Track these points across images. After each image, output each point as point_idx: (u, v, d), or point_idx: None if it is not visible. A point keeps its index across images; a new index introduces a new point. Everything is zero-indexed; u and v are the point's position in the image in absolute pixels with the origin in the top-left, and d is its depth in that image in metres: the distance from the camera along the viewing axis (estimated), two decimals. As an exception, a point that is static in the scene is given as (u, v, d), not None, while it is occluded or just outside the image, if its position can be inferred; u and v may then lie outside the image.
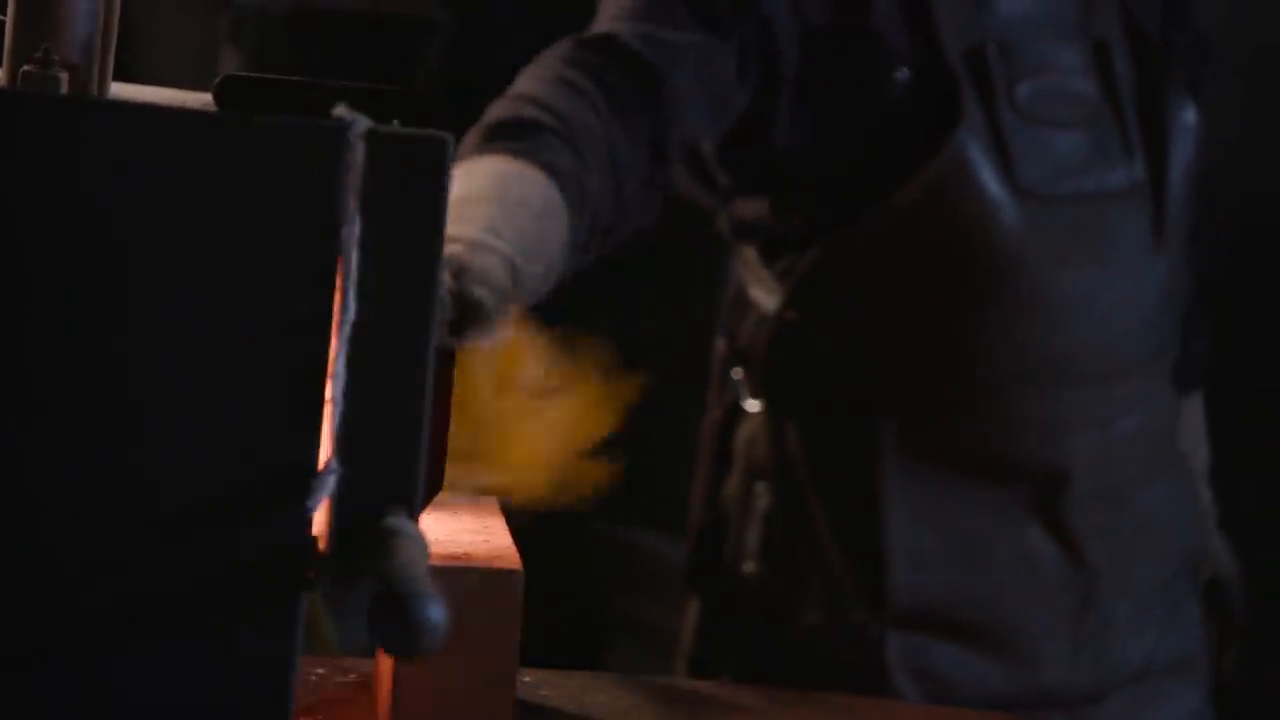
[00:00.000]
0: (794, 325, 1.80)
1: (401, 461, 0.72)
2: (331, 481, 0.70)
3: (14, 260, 0.69)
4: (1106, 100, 1.76)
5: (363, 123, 0.70)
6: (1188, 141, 1.81)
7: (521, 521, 1.11)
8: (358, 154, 0.69)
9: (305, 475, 0.68)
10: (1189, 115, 1.81)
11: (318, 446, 0.68)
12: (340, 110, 0.72)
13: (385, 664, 1.02)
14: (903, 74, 1.73)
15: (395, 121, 0.73)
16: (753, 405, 1.84)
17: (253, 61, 3.76)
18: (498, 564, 0.98)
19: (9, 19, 0.81)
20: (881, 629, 1.73)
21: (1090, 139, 1.76)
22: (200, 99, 0.88)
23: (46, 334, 0.70)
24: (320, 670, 1.04)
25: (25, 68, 0.76)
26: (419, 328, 0.73)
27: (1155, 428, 1.84)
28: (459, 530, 1.03)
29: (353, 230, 0.69)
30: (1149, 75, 1.80)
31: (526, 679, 1.02)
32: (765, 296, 1.82)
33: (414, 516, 0.74)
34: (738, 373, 1.88)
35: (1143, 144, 1.77)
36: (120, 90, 0.86)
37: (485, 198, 1.26)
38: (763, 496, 1.82)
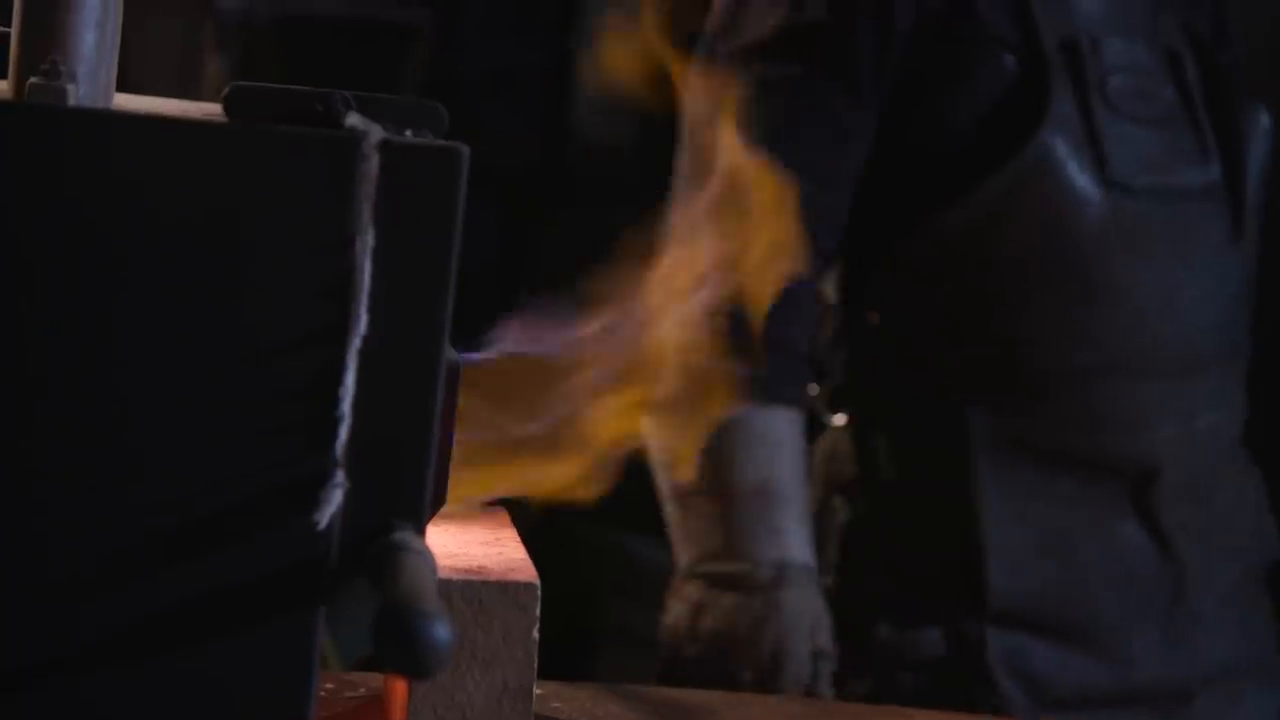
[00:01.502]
0: (878, 327, 1.82)
1: (409, 476, 0.73)
2: (339, 495, 0.70)
3: (22, 273, 0.68)
4: (1181, 103, 1.79)
5: (377, 133, 0.70)
6: (1263, 144, 1.84)
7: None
8: (372, 164, 0.70)
9: (316, 489, 0.68)
10: (1264, 119, 1.86)
11: (329, 460, 0.68)
12: (353, 120, 0.72)
13: (398, 680, 1.01)
14: (1009, 62, 1.73)
15: (408, 131, 0.73)
16: (838, 419, 1.85)
17: (237, 69, 3.76)
18: (513, 576, 0.98)
19: (14, 29, 0.80)
20: (981, 628, 1.72)
21: (1167, 139, 1.79)
22: (204, 109, 0.87)
23: (52, 348, 0.69)
24: (329, 685, 1.03)
25: (32, 79, 0.75)
26: (430, 341, 0.73)
27: (1231, 427, 1.86)
28: (471, 542, 1.03)
29: (366, 242, 0.70)
30: (1218, 83, 1.83)
31: (537, 691, 1.01)
32: (844, 299, 1.84)
33: (420, 531, 0.74)
34: (813, 388, 1.88)
35: (1217, 147, 1.80)
36: (121, 100, 0.85)
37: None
38: (841, 510, 1.83)
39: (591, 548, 3.86)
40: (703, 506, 1.73)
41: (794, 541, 1.68)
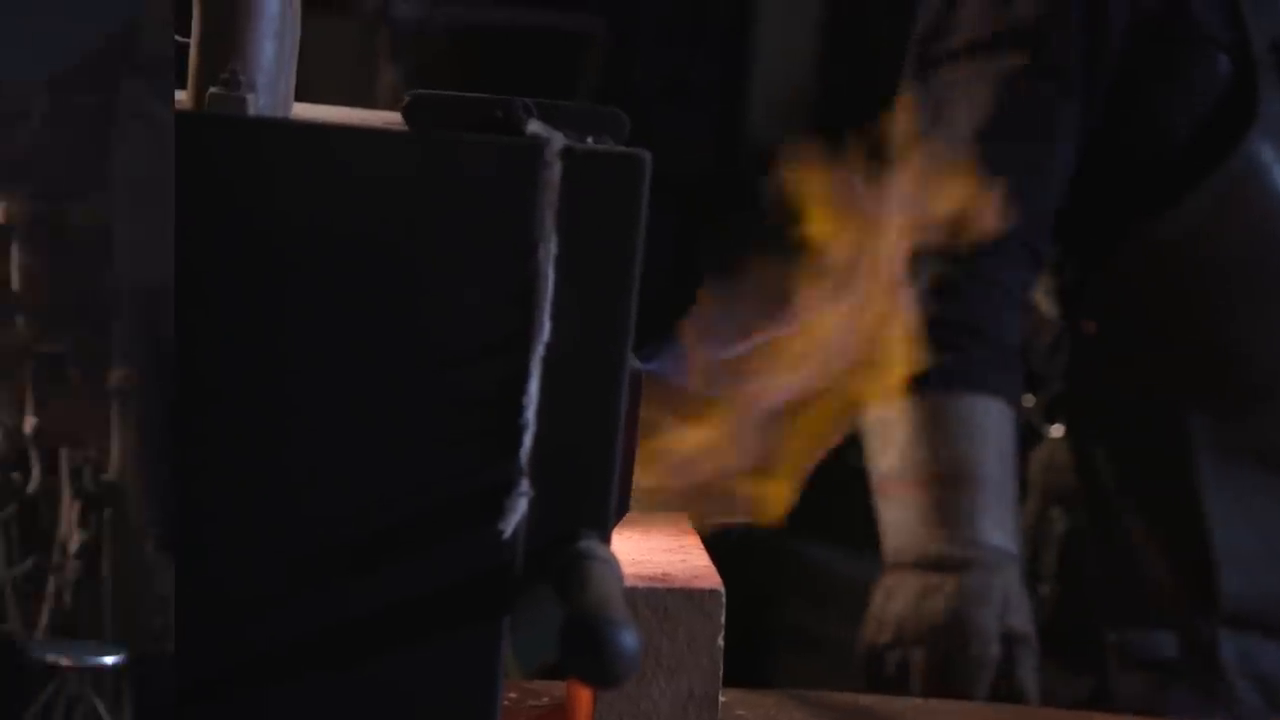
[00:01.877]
0: (1095, 336, 1.83)
1: (594, 484, 0.72)
2: (524, 504, 0.70)
3: (200, 282, 0.71)
4: None
5: (559, 140, 0.69)
6: None
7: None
8: (554, 171, 0.69)
9: (501, 497, 0.68)
10: None
11: (514, 468, 0.68)
12: (535, 127, 0.71)
13: (582, 688, 1.02)
14: (1223, 63, 1.71)
15: (588, 138, 0.72)
16: (1055, 430, 1.87)
17: (412, 78, 3.92)
18: (697, 583, 0.98)
19: (193, 39, 0.84)
20: (1213, 630, 1.74)
21: None
22: (382, 117, 0.89)
23: (233, 357, 0.72)
24: (512, 694, 1.06)
25: (212, 89, 0.78)
26: (613, 348, 0.72)
27: None
28: (655, 549, 1.03)
29: (549, 249, 0.69)
30: None
31: (722, 699, 1.02)
32: (1057, 312, 1.87)
33: (606, 539, 0.73)
34: (1029, 399, 1.90)
35: None
36: (300, 110, 0.88)
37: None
38: (1059, 521, 1.84)
39: (769, 552, 3.83)
40: (902, 494, 1.73)
41: (988, 524, 1.67)
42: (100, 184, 3.69)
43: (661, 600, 0.92)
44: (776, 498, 1.08)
